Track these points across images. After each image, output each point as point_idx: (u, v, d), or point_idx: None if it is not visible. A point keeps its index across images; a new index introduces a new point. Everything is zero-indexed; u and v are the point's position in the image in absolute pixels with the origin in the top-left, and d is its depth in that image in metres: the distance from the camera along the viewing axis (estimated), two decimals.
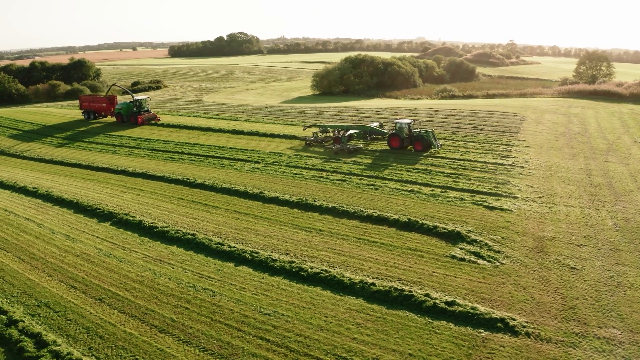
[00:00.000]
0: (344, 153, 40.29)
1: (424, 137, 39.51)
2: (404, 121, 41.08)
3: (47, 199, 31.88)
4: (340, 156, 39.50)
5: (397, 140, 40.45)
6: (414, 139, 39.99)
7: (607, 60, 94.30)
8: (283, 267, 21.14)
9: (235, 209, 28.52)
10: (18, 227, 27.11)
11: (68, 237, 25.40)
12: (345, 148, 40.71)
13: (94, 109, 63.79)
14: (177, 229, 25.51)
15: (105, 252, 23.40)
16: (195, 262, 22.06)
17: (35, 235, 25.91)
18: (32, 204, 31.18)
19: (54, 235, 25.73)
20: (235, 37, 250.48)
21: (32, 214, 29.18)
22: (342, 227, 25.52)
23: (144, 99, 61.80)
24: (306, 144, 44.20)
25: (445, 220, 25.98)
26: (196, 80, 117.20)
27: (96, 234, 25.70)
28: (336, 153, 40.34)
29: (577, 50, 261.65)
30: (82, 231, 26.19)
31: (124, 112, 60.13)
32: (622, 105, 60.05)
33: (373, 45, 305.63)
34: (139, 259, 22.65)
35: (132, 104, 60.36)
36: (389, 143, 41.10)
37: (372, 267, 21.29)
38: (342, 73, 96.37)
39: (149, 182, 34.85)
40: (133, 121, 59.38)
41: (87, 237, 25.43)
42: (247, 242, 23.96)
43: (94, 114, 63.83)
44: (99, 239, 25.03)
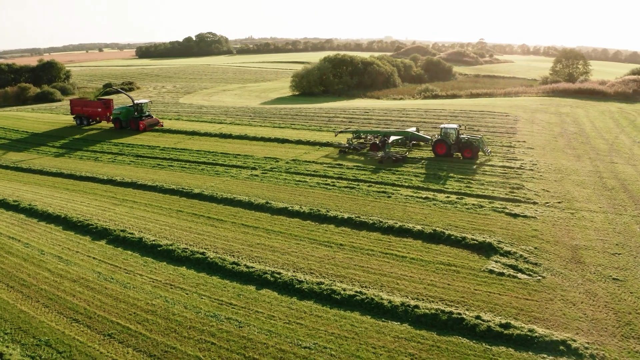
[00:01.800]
0: (390, 162, 36.44)
1: (473, 143, 36.61)
2: (450, 126, 37.81)
3: (30, 213, 28.81)
4: (386, 165, 35.68)
5: (443, 147, 37.09)
6: (462, 146, 36.78)
7: (583, 58, 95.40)
8: (312, 289, 19.07)
9: (242, 222, 26.24)
10: (2, 248, 24.08)
11: (60, 259, 22.62)
12: (391, 156, 36.79)
13: (88, 113, 58.37)
14: (183, 246, 23.08)
15: (106, 276, 20.80)
16: (211, 286, 19.73)
17: (23, 257, 23.00)
18: (15, 219, 28.07)
19: (44, 257, 22.90)
20: (204, 37, 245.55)
21: (15, 232, 26.14)
22: (364, 240, 23.64)
23: (145, 103, 56.09)
24: (341, 151, 40.15)
25: (470, 230, 24.48)
26: (169, 82, 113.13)
27: (92, 255, 23.00)
28: (381, 162, 36.39)
29: (546, 49, 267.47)
30: (75, 251, 23.43)
31: (123, 117, 54.72)
32: (609, 104, 60.22)
33: (343, 45, 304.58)
34: (145, 283, 20.17)
35: (132, 109, 54.95)
36: (434, 150, 37.68)
37: (409, 286, 19.48)
38: (322, 73, 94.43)
39: (140, 192, 32.11)
40: (134, 127, 54.03)
41: (81, 258, 22.71)
42: (264, 260, 21.78)
43: (88, 120, 58.54)
44: (96, 261, 22.35)
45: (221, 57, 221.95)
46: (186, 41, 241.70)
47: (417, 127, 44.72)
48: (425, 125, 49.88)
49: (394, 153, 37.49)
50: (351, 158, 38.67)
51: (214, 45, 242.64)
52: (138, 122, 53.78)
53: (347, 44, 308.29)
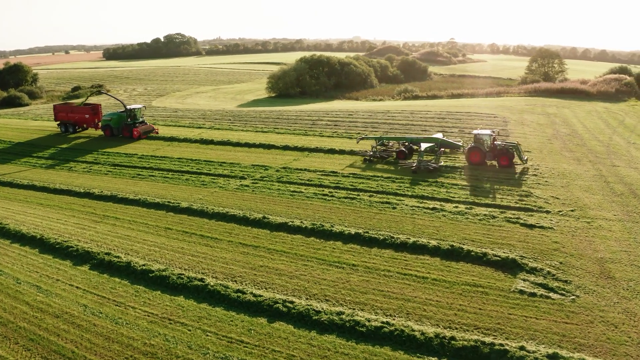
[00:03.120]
0: (423, 171, 33.66)
1: (509, 150, 34.39)
2: (484, 132, 35.14)
3: (2, 234, 25.70)
4: (419, 176, 32.97)
5: (477, 154, 34.59)
6: (498, 153, 34.35)
7: (558, 57, 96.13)
8: (332, 321, 16.96)
9: (239, 240, 23.90)
10: None
11: (39, 289, 19.82)
12: (427, 166, 33.95)
13: (74, 120, 53.49)
14: (178, 272, 20.60)
15: (93, 310, 18.17)
16: (216, 320, 17.39)
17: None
18: None
19: (20, 287, 20.02)
20: (172, 38, 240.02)
21: None
22: (377, 259, 21.69)
23: (138, 109, 51.65)
24: (365, 160, 37.12)
25: (487, 244, 22.88)
26: (140, 84, 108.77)
27: (74, 283, 20.27)
28: (414, 172, 33.47)
29: (516, 47, 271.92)
30: (55, 279, 20.64)
31: (114, 124, 50.26)
32: (594, 104, 60.14)
33: (313, 45, 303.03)
34: (140, 318, 17.66)
35: (124, 115, 50.49)
36: (467, 158, 35.19)
37: (438, 312, 17.61)
38: (298, 74, 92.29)
39: (122, 207, 29.31)
40: (127, 135, 49.52)
41: (63, 287, 19.97)
42: (271, 286, 19.56)
43: (74, 127, 53.77)
44: (80, 291, 19.65)
45: (190, 58, 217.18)
46: (154, 42, 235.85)
47: (443, 133, 42.06)
48: (414, 128, 48.43)
49: (429, 162, 34.77)
50: (376, 167, 36.70)
51: (183, 46, 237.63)
52: (132, 129, 49.26)
53: (317, 44, 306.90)
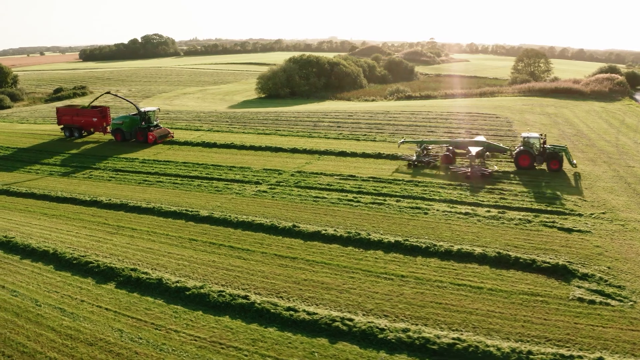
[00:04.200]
0: (477, 177, 31.78)
1: (559, 153, 33.12)
2: (533, 135, 33.80)
3: (8, 248, 23.50)
4: (474, 182, 30.98)
5: (527, 158, 33.20)
6: (548, 156, 33.05)
7: (544, 56, 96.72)
8: (400, 339, 15.65)
9: (273, 251, 22.35)
10: None
11: (63, 312, 17.91)
12: (482, 171, 32.29)
13: (80, 124, 49.56)
14: (217, 288, 18.95)
15: (131, 336, 16.40)
16: (273, 343, 15.84)
17: (14, 310, 18.04)
18: None
19: (40, 310, 18.07)
20: (150, 39, 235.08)
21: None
22: (425, 269, 20.47)
23: (152, 111, 47.92)
24: (410, 164, 35.10)
25: (531, 249, 21.96)
26: (123, 85, 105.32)
27: (102, 304, 18.43)
28: (468, 177, 31.63)
29: (494, 47, 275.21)
30: (79, 300, 18.74)
31: (126, 128, 46.86)
32: (590, 104, 60.25)
33: (292, 46, 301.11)
34: (186, 343, 15.98)
35: (136, 118, 47.06)
36: (516, 162, 33.68)
37: (505, 325, 16.54)
38: (288, 75, 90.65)
39: (136, 216, 27.38)
40: (141, 139, 46.17)
41: (91, 309, 18.10)
42: (321, 302, 18.12)
43: (80, 131, 49.90)
44: (111, 313, 17.83)
45: (169, 58, 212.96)
46: (132, 43, 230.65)
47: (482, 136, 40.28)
48: (419, 130, 47.46)
49: (482, 167, 33.32)
50: (394, 170, 35.39)
51: (161, 46, 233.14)
52: (147, 133, 46.03)
53: (296, 44, 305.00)
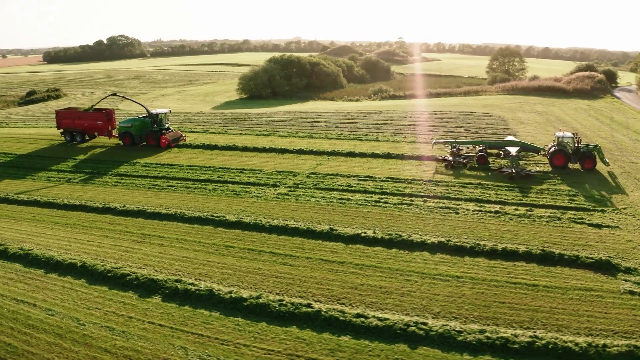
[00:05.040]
0: (519, 177, 31.38)
1: (592, 152, 33.17)
2: (567, 134, 33.92)
3: (28, 261, 21.74)
4: (517, 182, 30.63)
5: (561, 157, 33.17)
6: (582, 156, 33.11)
7: (519, 55, 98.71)
8: (480, 340, 15.28)
9: (318, 256, 21.50)
10: (15, 319, 17.36)
11: (112, 331, 16.57)
12: (528, 172, 31.94)
13: (83, 127, 46.11)
14: (275, 298, 17.96)
15: (199, 354, 15.17)
16: (353, 352, 15.02)
17: (55, 332, 16.54)
18: (10, 271, 20.91)
19: (86, 330, 16.64)
20: (115, 40, 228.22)
21: (21, 291, 19.26)
22: (477, 268, 20.15)
23: (164, 113, 45.01)
24: (448, 166, 34.19)
25: (568, 245, 22.13)
26: (97, 87, 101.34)
27: (155, 320, 17.16)
28: (511, 178, 31.14)
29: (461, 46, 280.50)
30: (126, 317, 17.41)
31: (136, 131, 43.92)
32: (575, 102, 61.72)
33: (260, 46, 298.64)
34: (261, 358, 14.93)
35: (147, 120, 44.34)
36: (551, 161, 33.59)
37: (571, 320, 16.66)
38: (270, 75, 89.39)
39: (159, 223, 25.93)
40: (153, 143, 43.49)
41: (143, 326, 16.81)
42: (386, 307, 17.46)
43: (82, 135, 46.54)
44: (166, 329, 16.59)
45: (135, 60, 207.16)
46: (97, 44, 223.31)
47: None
48: (420, 129, 47.37)
49: (524, 168, 32.97)
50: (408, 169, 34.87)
51: (127, 48, 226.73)
52: (159, 136, 43.35)
53: (264, 45, 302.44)
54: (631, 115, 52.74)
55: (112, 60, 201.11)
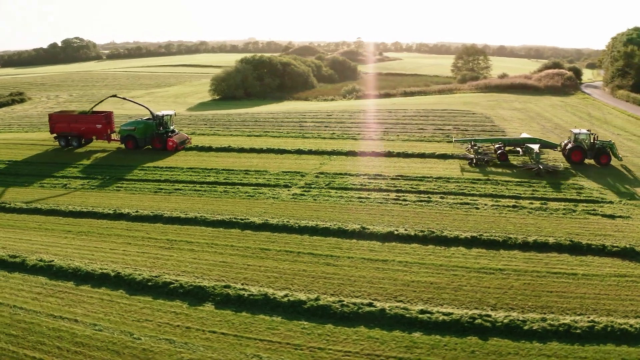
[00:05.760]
0: (544, 173, 32.09)
1: (606, 148, 34.09)
2: (583, 131, 34.84)
3: (52, 273, 20.27)
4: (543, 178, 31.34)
5: (578, 153, 34.10)
6: (597, 152, 34.06)
7: (483, 54, 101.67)
8: (544, 328, 15.71)
9: (360, 255, 21.24)
10: (59, 337, 16.13)
11: (173, 343, 15.65)
12: (550, 168, 32.59)
13: (80, 132, 43.22)
14: (334, 299, 17.67)
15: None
16: (430, 348, 14.95)
17: (110, 348, 15.41)
18: (34, 285, 19.41)
19: (144, 344, 15.63)
20: (70, 42, 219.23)
21: (56, 306, 17.99)
22: (515, 260, 20.67)
23: (169, 115, 43.17)
24: (472, 163, 34.49)
25: (591, 236, 23.05)
26: (61, 90, 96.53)
27: (215, 329, 16.35)
28: (538, 174, 31.78)
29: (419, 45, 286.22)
30: (183, 328, 16.60)
31: (139, 134, 41.67)
32: (548, 98, 64.11)
33: (218, 47, 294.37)
34: None
35: (151, 123, 42.20)
36: (568, 157, 34.47)
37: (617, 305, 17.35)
38: (243, 75, 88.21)
39: (181, 228, 24.85)
40: (158, 146, 41.44)
41: (204, 336, 16.01)
42: (444, 302, 17.53)
43: (79, 139, 43.59)
44: (231, 338, 15.83)
45: (91, 62, 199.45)
46: (52, 47, 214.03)
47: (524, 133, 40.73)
48: (409, 127, 47.97)
49: (550, 164, 33.60)
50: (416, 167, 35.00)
51: (82, 50, 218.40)
52: (166, 139, 41.51)
53: (222, 46, 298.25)
54: (607, 111, 55.40)
55: (68, 63, 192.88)
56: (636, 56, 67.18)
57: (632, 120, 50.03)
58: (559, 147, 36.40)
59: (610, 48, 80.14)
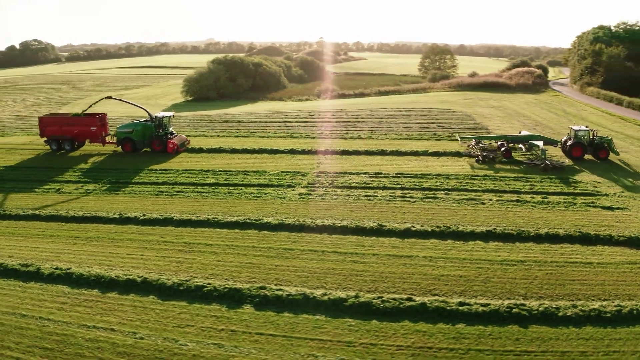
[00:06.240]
0: (550, 169, 33.17)
1: (604, 143, 35.51)
2: (582, 128, 36.41)
3: (74, 282, 19.29)
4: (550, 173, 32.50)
5: (579, 149, 35.53)
6: (596, 147, 35.52)
7: (450, 53, 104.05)
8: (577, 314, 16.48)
9: (384, 252, 21.46)
10: (98, 348, 15.41)
11: (223, 347, 15.27)
12: (557, 164, 33.79)
13: (73, 134, 41.38)
14: (374, 296, 17.87)
15: None
16: (476, 338, 15.34)
17: (157, 356, 14.68)
18: (56, 294, 18.76)
19: (192, 350, 15.01)
20: (28, 45, 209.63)
21: (87, 315, 17.18)
22: (532, 252, 21.46)
23: (168, 117, 42.10)
24: (479, 160, 35.35)
25: (595, 227, 24.14)
26: (26, 94, 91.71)
27: (261, 330, 16.13)
28: (545, 170, 32.85)
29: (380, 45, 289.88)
30: (229, 331, 16.23)
31: (137, 136, 40.33)
32: (521, 96, 66.35)
33: (179, 48, 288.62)
34: (397, 354, 14.85)
35: (150, 125, 40.87)
36: (569, 153, 35.89)
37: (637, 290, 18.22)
38: (216, 76, 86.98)
39: (194, 230, 24.23)
40: (158, 149, 40.24)
41: (253, 339, 15.76)
42: (477, 293, 18.00)
43: (72, 142, 41.81)
44: (282, 339, 15.62)
45: (51, 65, 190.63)
46: (9, 50, 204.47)
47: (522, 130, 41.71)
48: (395, 126, 48.69)
49: (556, 160, 34.64)
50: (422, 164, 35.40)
51: (41, 53, 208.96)
52: (165, 141, 40.35)
53: (182, 47, 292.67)
54: (580, 107, 57.94)
55: (27, 66, 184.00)
56: (604, 54, 70.37)
57: (606, 116, 52.59)
58: (560, 144, 37.70)
59: (576, 46, 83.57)
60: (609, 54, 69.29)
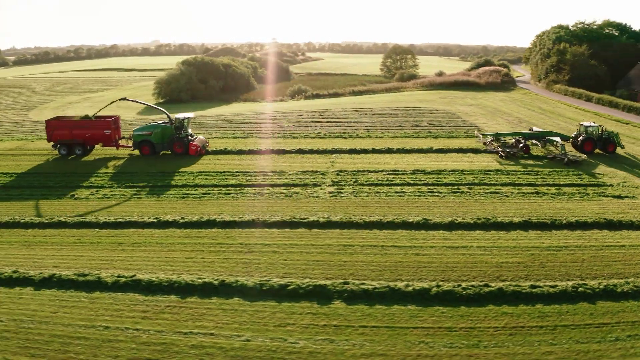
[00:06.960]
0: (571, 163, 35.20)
1: (612, 138, 37.84)
2: (592, 124, 38.69)
3: (145, 289, 18.54)
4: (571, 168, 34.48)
5: (590, 144, 37.87)
6: (605, 142, 37.88)
7: (412, 53, 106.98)
8: (633, 290, 17.99)
9: (440, 244, 22.39)
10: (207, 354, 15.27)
11: (334, 342, 15.48)
12: (577, 158, 35.99)
13: (84, 138, 39.27)
14: (452, 284, 18.74)
15: (446, 344, 15.45)
16: (557, 315, 16.57)
17: (275, 357, 14.92)
18: (130, 302, 18.07)
19: (307, 347, 14.93)
20: None
21: (179, 323, 16.65)
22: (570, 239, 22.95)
23: (188, 118, 40.71)
24: (503, 155, 37.00)
25: (613, 214, 25.96)
26: None
27: (363, 323, 16.51)
28: (566, 164, 34.89)
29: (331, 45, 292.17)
30: (331, 326, 16.28)
31: (157, 139, 38.84)
32: (494, 94, 69.42)
33: (129, 50, 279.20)
34: (497, 334, 15.88)
35: (169, 127, 39.32)
36: (581, 148, 38.09)
37: None
38: (188, 78, 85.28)
39: (242, 231, 24.02)
40: (180, 151, 38.80)
41: (358, 332, 16.11)
42: (540, 277, 19.31)
43: (84, 147, 39.73)
44: (386, 329, 16.09)
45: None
46: None
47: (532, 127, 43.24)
48: (387, 124, 49.87)
49: (571, 155, 36.44)
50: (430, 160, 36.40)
51: None
52: (187, 143, 38.99)
53: (133, 49, 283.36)
54: (554, 104, 61.53)
55: None
56: (568, 53, 74.67)
57: (581, 112, 56.30)
58: (571, 139, 39.74)
59: (537, 45, 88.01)
60: (573, 53, 73.54)
